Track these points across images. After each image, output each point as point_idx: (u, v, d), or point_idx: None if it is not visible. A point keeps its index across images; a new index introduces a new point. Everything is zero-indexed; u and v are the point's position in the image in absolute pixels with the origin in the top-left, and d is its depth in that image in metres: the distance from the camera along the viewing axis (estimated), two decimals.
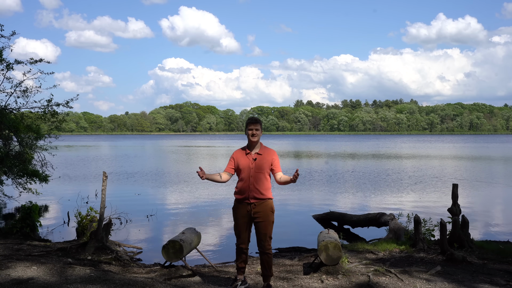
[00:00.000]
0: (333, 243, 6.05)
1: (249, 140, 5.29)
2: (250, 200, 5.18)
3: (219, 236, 10.37)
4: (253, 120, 5.31)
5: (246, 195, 5.20)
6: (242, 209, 5.26)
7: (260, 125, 5.34)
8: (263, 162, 5.22)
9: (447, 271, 6.20)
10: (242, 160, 5.28)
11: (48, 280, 5.45)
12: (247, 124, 5.31)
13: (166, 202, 15.44)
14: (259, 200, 5.18)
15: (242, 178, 5.26)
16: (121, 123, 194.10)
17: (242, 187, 5.24)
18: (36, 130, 11.45)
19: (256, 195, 5.17)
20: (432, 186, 18.65)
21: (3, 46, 10.76)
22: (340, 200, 15.57)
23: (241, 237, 5.33)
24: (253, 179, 5.18)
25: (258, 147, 5.32)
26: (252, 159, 5.23)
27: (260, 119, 5.37)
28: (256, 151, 5.29)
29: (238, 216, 5.32)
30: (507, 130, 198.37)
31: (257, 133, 5.26)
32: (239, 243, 5.38)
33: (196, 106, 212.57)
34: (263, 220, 5.19)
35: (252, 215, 5.20)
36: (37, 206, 9.50)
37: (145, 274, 6.16)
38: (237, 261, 5.45)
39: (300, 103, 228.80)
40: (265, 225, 5.20)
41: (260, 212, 5.19)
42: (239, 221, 5.30)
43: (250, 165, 5.22)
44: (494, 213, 13.95)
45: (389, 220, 9.61)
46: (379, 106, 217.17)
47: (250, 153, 5.29)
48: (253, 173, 5.19)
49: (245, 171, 5.22)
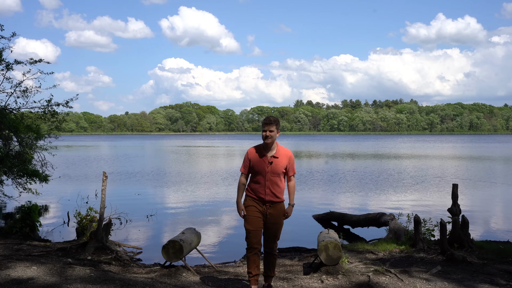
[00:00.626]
0: (333, 243, 6.04)
1: (263, 142, 5.03)
2: (266, 204, 5.02)
3: (219, 236, 10.37)
4: (267, 121, 5.01)
5: (262, 199, 5.01)
6: (257, 206, 5.01)
7: (275, 125, 5.01)
8: (279, 166, 5.01)
9: (447, 271, 6.19)
10: (257, 162, 5.03)
11: (48, 280, 5.45)
12: (263, 125, 5.02)
13: (166, 202, 15.44)
14: (274, 203, 5.03)
15: (258, 181, 5.04)
16: (121, 123, 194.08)
17: (258, 190, 5.03)
18: (36, 130, 11.44)
19: (272, 199, 5.02)
20: (432, 186, 18.65)
21: (3, 47, 10.75)
22: (340, 200, 15.57)
23: (255, 235, 4.97)
24: (269, 183, 5.00)
25: (274, 148, 5.07)
26: (268, 162, 4.99)
27: (278, 119, 5.09)
28: (272, 154, 5.03)
29: (253, 210, 5.01)
30: (507, 130, 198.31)
31: (271, 134, 4.97)
32: (253, 242, 4.99)
33: (196, 106, 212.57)
34: (275, 222, 5.03)
35: (267, 215, 5.02)
36: (37, 206, 9.49)
37: (145, 274, 6.15)
38: (251, 268, 5.05)
39: (300, 103, 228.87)
40: (277, 227, 5.05)
41: (274, 214, 5.03)
42: (253, 215, 4.99)
43: (266, 168, 4.99)
44: (494, 213, 13.95)
45: (389, 220, 9.61)
46: (379, 106, 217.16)
47: (266, 155, 5.02)
48: (268, 177, 4.99)
49: (261, 175, 5.00)
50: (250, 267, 5.01)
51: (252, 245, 4.98)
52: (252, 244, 4.98)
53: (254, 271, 5.02)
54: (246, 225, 5.02)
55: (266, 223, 5.04)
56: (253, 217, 4.98)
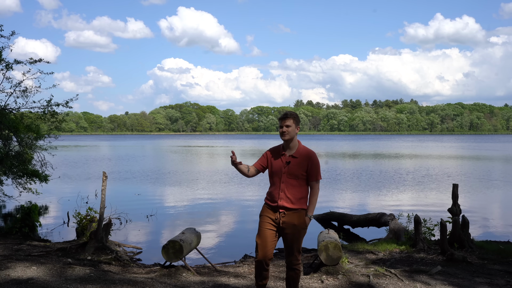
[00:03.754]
0: (333, 243, 6.04)
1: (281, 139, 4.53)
2: (280, 210, 4.45)
3: (219, 236, 10.36)
4: (283, 115, 4.49)
5: (275, 203, 4.46)
6: (269, 215, 4.49)
7: (293, 119, 4.47)
8: (298, 167, 4.42)
9: (447, 271, 6.19)
10: (275, 161, 4.53)
11: (47, 280, 5.44)
12: (279, 120, 4.56)
13: (166, 202, 15.43)
14: (289, 210, 4.44)
15: (274, 182, 4.53)
16: (121, 123, 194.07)
17: (273, 193, 4.51)
18: (35, 130, 11.44)
19: (287, 204, 4.42)
20: (432, 186, 18.64)
21: (3, 46, 10.75)
22: (340, 200, 15.57)
23: (263, 249, 4.44)
24: (284, 186, 4.43)
25: (295, 147, 4.51)
26: (286, 162, 4.47)
27: (296, 113, 4.55)
28: (292, 153, 4.49)
29: (264, 223, 4.49)
30: (507, 130, 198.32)
31: (289, 130, 4.42)
32: (259, 256, 4.47)
33: (196, 106, 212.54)
34: (291, 232, 4.43)
35: (280, 224, 4.45)
36: (37, 206, 9.49)
37: (145, 274, 6.15)
38: (258, 279, 4.62)
39: (300, 103, 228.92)
40: (293, 238, 4.44)
41: (289, 222, 4.42)
42: (264, 227, 4.48)
43: (283, 168, 4.46)
44: (494, 213, 13.95)
45: (389, 220, 9.60)
46: (379, 106, 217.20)
47: (285, 154, 4.51)
48: (285, 179, 4.44)
49: (277, 175, 4.49)
50: (257, 277, 4.63)
51: (258, 258, 4.49)
52: (258, 257, 4.48)
53: (260, 282, 4.64)
54: (257, 236, 4.53)
55: (283, 234, 4.48)
56: (263, 228, 4.48)
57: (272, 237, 4.48)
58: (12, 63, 10.89)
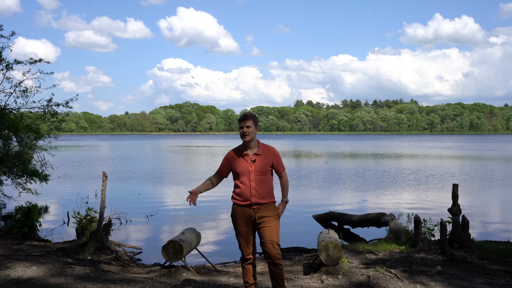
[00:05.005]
0: (333, 243, 6.04)
1: (242, 140, 4.66)
2: (253, 206, 4.60)
3: (219, 236, 10.36)
4: (243, 117, 4.60)
5: (248, 201, 4.60)
6: (244, 214, 4.64)
7: (252, 120, 4.60)
8: (263, 164, 4.61)
9: (447, 271, 6.18)
10: (239, 162, 4.65)
11: (47, 280, 5.44)
12: (238, 122, 4.65)
13: (166, 202, 15.43)
14: (261, 205, 4.62)
15: (242, 182, 4.63)
16: (121, 123, 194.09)
17: (243, 192, 4.63)
18: (36, 130, 11.44)
19: (259, 200, 4.59)
20: (432, 186, 18.64)
21: (3, 46, 10.74)
22: (340, 200, 15.57)
23: (247, 247, 4.68)
24: (254, 184, 4.58)
25: (256, 146, 4.66)
26: (251, 161, 4.60)
27: (255, 114, 4.73)
28: (254, 151, 4.64)
29: (240, 223, 4.68)
30: (507, 130, 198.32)
31: (249, 130, 4.56)
32: (246, 254, 4.70)
33: (196, 106, 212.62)
34: (267, 226, 4.59)
35: (256, 220, 4.61)
36: (36, 206, 9.48)
37: (145, 274, 6.15)
38: (246, 277, 4.75)
39: (300, 103, 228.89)
40: (270, 231, 4.58)
41: (264, 216, 4.60)
42: (241, 228, 4.67)
43: (249, 168, 4.59)
44: (494, 213, 13.95)
45: (389, 220, 9.60)
46: (379, 106, 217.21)
47: (247, 154, 4.64)
48: (253, 177, 4.58)
49: (244, 175, 4.61)
50: (246, 276, 4.76)
51: (245, 257, 4.72)
52: (244, 256, 4.72)
53: (250, 280, 4.77)
54: (237, 236, 4.76)
55: (258, 229, 4.64)
56: (242, 229, 4.68)
57: (251, 232, 4.71)
58: (12, 63, 10.88)
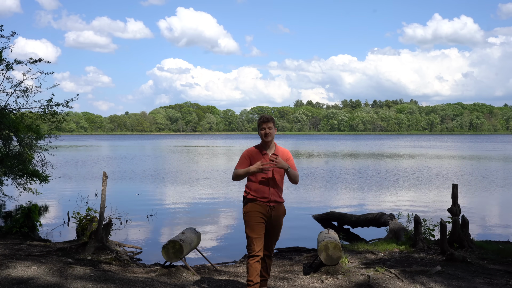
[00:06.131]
0: (333, 243, 6.04)
1: (262, 141, 4.91)
2: (271, 204, 4.82)
3: (219, 236, 10.36)
4: (265, 119, 4.89)
5: (266, 198, 4.81)
6: (261, 209, 4.79)
7: (273, 123, 4.93)
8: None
9: (447, 271, 6.19)
10: (258, 160, 4.84)
11: (48, 280, 5.45)
12: (260, 123, 4.92)
13: (166, 202, 15.44)
14: (277, 204, 4.88)
15: (261, 180, 4.82)
16: (121, 123, 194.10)
17: (261, 190, 4.81)
18: (36, 130, 11.45)
19: (276, 199, 4.86)
20: (432, 186, 18.64)
21: (3, 46, 10.75)
22: (340, 200, 15.57)
23: (259, 242, 4.75)
24: (273, 182, 4.84)
25: (273, 147, 4.96)
26: (270, 160, 4.79)
27: (273, 117, 5.03)
28: (273, 152, 4.93)
29: (256, 216, 4.77)
30: (507, 130, 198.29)
31: (271, 132, 4.86)
32: (256, 250, 4.73)
33: (196, 106, 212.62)
34: (278, 223, 4.91)
35: (272, 217, 4.83)
36: (37, 206, 9.49)
37: (145, 274, 6.15)
38: (252, 276, 4.72)
39: (300, 103, 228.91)
40: (279, 229, 4.95)
41: (277, 215, 4.87)
42: (257, 221, 4.76)
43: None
44: (494, 213, 13.95)
45: (389, 220, 9.61)
46: (379, 106, 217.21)
47: (266, 153, 4.88)
48: (272, 176, 4.84)
49: (263, 173, 4.81)
50: (251, 275, 4.72)
51: (255, 253, 4.72)
52: (255, 252, 4.72)
53: (255, 279, 4.73)
54: (249, 232, 4.78)
55: (269, 225, 4.87)
56: (256, 223, 4.77)
57: (264, 230, 4.84)
58: (12, 63, 10.89)
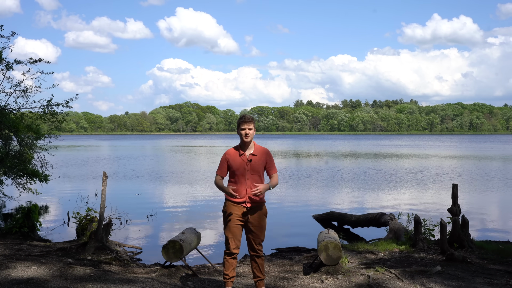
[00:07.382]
0: (333, 243, 6.04)
1: (242, 140, 4.96)
2: (246, 204, 4.87)
3: (219, 236, 10.36)
4: (245, 119, 4.94)
5: (242, 199, 4.87)
6: (237, 210, 4.89)
7: (253, 123, 4.99)
8: (259, 164, 4.91)
9: (447, 271, 6.19)
10: (236, 161, 4.92)
11: (48, 280, 5.45)
12: (239, 123, 4.96)
13: (166, 202, 15.44)
14: (255, 203, 4.89)
15: (237, 181, 4.90)
16: (121, 123, 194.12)
17: (238, 190, 4.87)
18: (36, 130, 11.45)
19: (253, 199, 4.87)
20: (432, 186, 18.64)
21: (3, 46, 10.77)
22: (340, 200, 15.57)
23: (234, 242, 4.91)
24: (250, 182, 4.86)
25: (252, 147, 4.98)
26: (247, 160, 4.89)
27: (253, 117, 5.09)
28: (251, 152, 4.94)
29: (232, 218, 4.90)
30: (507, 130, 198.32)
31: (250, 132, 4.92)
32: (232, 248, 4.92)
33: (196, 106, 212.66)
34: (257, 225, 4.91)
35: (248, 218, 4.89)
36: (37, 206, 9.48)
37: (145, 274, 6.15)
38: (227, 271, 4.98)
39: (300, 103, 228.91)
40: (260, 229, 4.93)
41: (256, 216, 4.90)
42: (233, 223, 4.90)
43: (246, 167, 4.88)
44: (494, 213, 13.95)
45: (389, 220, 9.61)
46: (379, 106, 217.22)
47: (244, 154, 4.93)
48: (249, 176, 4.87)
49: (240, 174, 4.88)
50: (227, 269, 4.97)
51: (230, 251, 4.93)
52: (230, 250, 4.93)
53: (231, 274, 4.99)
54: (226, 231, 4.96)
55: (248, 226, 4.92)
56: (233, 224, 4.90)
57: (240, 230, 4.97)
58: (12, 63, 10.90)
